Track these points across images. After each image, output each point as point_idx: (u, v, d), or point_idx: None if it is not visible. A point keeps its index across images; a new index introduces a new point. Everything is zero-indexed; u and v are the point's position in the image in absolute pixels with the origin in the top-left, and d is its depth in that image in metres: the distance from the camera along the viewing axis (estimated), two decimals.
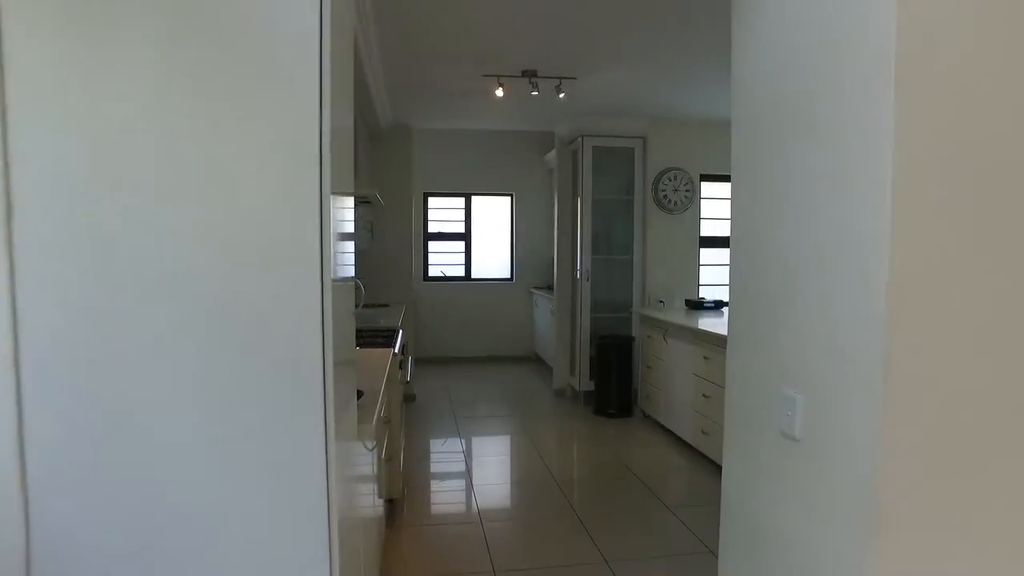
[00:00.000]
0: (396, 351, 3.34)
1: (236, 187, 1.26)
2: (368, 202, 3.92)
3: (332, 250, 1.34)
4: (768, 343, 1.56)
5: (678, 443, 4.69)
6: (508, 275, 8.22)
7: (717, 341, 4.02)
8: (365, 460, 2.04)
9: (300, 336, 1.29)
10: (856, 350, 1.25)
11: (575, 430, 5.24)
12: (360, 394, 2.03)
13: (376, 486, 2.76)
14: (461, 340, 8.02)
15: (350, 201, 1.68)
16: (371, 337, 3.78)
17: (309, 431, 1.30)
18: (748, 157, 1.70)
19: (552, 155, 6.99)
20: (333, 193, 1.36)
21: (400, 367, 3.40)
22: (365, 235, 5.41)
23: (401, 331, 4.17)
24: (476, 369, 7.54)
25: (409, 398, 6.00)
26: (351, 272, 1.67)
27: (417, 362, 7.85)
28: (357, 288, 1.79)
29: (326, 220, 1.30)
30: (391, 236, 6.01)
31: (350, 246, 1.66)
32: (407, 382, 3.36)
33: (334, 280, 1.37)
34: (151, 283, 1.24)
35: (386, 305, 5.76)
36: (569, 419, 5.51)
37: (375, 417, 1.96)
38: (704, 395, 4.19)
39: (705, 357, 4.19)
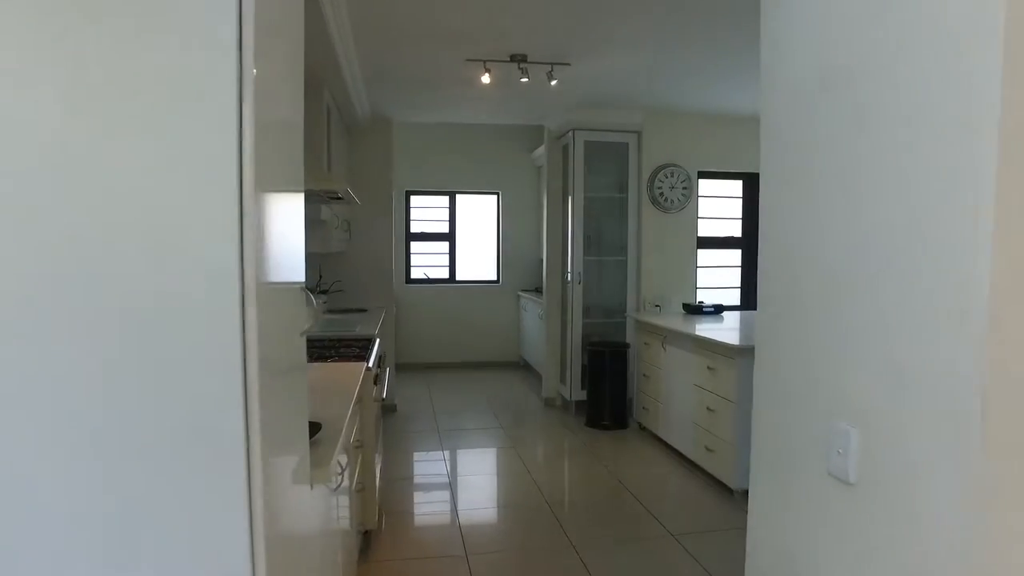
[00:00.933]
0: (371, 364, 2.97)
1: (136, 189, 0.93)
2: (339, 198, 3.55)
3: (259, 255, 0.98)
4: (808, 364, 1.29)
5: (679, 459, 4.36)
6: (494, 277, 7.87)
7: (723, 351, 3.69)
8: (322, 505, 1.68)
9: (211, 363, 0.94)
10: (936, 375, 0.96)
11: (567, 444, 4.89)
12: (316, 428, 1.67)
13: (348, 519, 2.40)
14: (445, 345, 7.66)
15: (294, 199, 1.32)
16: (345, 347, 3.41)
17: (221, 493, 0.95)
18: (781, 146, 1.42)
19: (541, 151, 6.65)
20: (266, 191, 1.03)
21: (375, 382, 3.03)
22: (341, 235, 5.03)
23: (378, 340, 3.81)
24: (461, 376, 7.18)
25: (389, 409, 5.63)
26: (295, 278, 1.31)
27: (400, 368, 7.47)
28: (310, 299, 1.43)
29: (251, 221, 0.95)
30: (370, 236, 5.64)
31: (294, 250, 1.30)
32: (383, 399, 3.01)
33: (266, 285, 1.02)
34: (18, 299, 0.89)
35: (364, 310, 5.38)
36: (560, 432, 5.16)
37: (333, 456, 1.59)
38: (708, 408, 3.86)
39: (709, 368, 3.86)
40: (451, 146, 7.52)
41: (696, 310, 5.13)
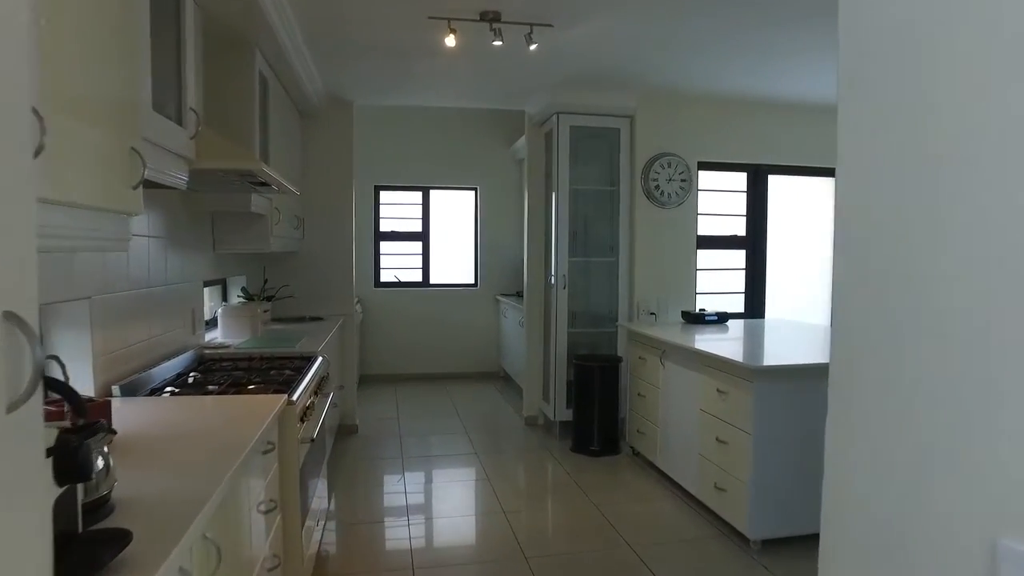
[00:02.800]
0: (296, 395, 2.30)
1: None
2: (263, 184, 2.88)
3: None
4: (938, 432, 0.77)
5: (681, 495, 3.73)
6: (472, 280, 7.21)
7: (738, 371, 3.06)
8: None
9: None
10: None
11: (550, 474, 4.24)
12: (126, 537, 1.00)
13: None
14: (418, 355, 6.99)
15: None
16: (275, 369, 2.74)
17: None
18: (879, 117, 0.78)
19: (522, 142, 6.01)
20: None
21: (304, 418, 2.37)
22: (290, 233, 4.36)
23: (322, 358, 3.14)
24: (434, 389, 6.51)
25: (348, 431, 4.96)
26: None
27: (366, 382, 6.79)
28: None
29: None
30: (328, 234, 4.96)
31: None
32: (311, 439, 2.34)
33: None
34: None
35: (319, 319, 4.71)
36: (542, 458, 4.51)
37: None
38: (719, 440, 3.23)
39: (720, 391, 3.22)
40: (425, 137, 6.86)
41: (697, 319, 4.50)
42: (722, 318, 4.53)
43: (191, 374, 2.63)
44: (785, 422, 2.96)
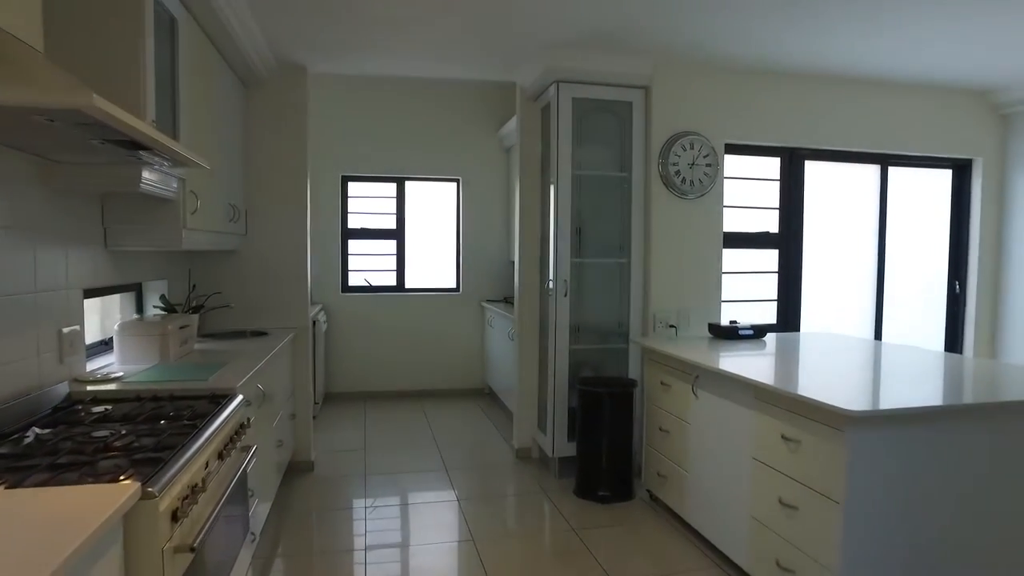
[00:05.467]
0: (160, 485, 1.43)
1: None
2: (146, 148, 2.00)
3: None
4: None
5: (721, 563, 2.89)
6: (453, 284, 6.34)
7: (822, 415, 2.22)
8: None
9: None
10: None
11: (550, 530, 3.38)
12: None
13: None
14: (390, 370, 6.11)
15: None
16: (168, 418, 1.87)
17: None
18: None
19: (512, 125, 5.17)
20: None
21: (175, 516, 1.49)
22: (228, 226, 3.47)
23: (241, 398, 2.26)
24: (409, 409, 5.63)
25: (303, 468, 4.08)
26: None
27: (332, 400, 5.89)
28: None
29: None
30: (277, 231, 4.06)
31: None
32: (191, 549, 1.47)
33: None
34: None
35: (263, 333, 3.82)
36: (539, 505, 3.65)
37: None
38: (784, 503, 2.39)
39: (787, 437, 2.39)
40: (399, 120, 5.98)
41: (729, 333, 3.68)
42: (758, 332, 3.71)
43: (29, 431, 1.74)
44: (892, 487, 2.14)
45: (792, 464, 2.37)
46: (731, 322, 3.80)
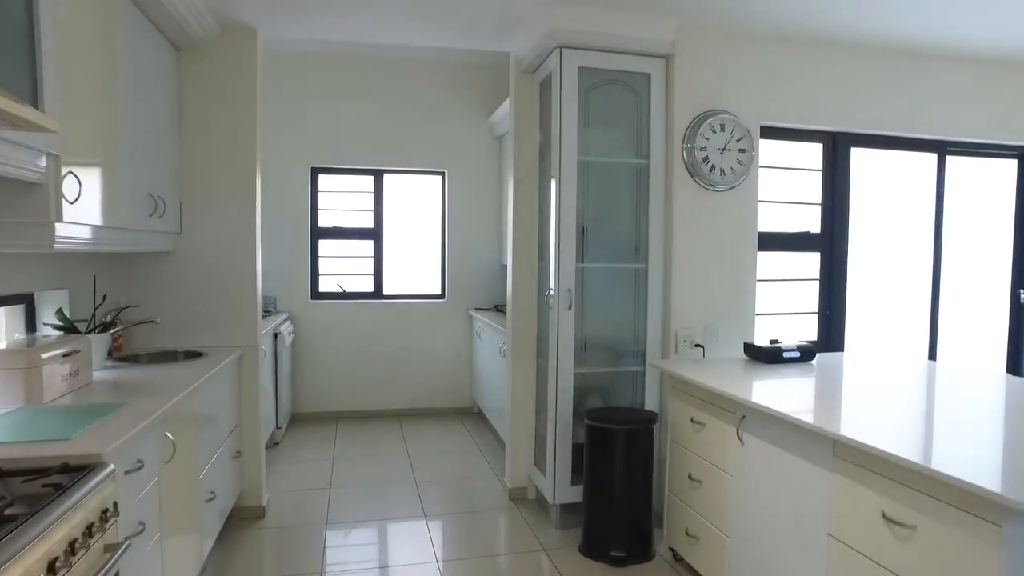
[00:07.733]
0: None
1: None
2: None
3: None
4: None
5: None
6: (437, 291, 5.64)
7: (950, 495, 1.53)
8: None
9: None
10: None
11: None
12: None
13: None
14: (366, 387, 5.41)
15: None
16: None
17: None
18: None
19: (504, 110, 4.49)
20: None
21: None
22: (149, 223, 2.76)
23: (110, 469, 1.56)
24: (386, 434, 4.93)
25: (252, 515, 3.37)
26: None
27: (299, 421, 5.17)
28: None
29: None
30: (220, 229, 3.35)
31: None
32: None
33: None
34: None
35: (200, 354, 3.11)
36: (536, 568, 2.95)
37: None
38: None
39: (890, 519, 1.70)
40: (377, 105, 5.28)
41: (772, 356, 2.99)
42: (805, 354, 3.03)
43: None
44: None
45: (899, 557, 1.69)
46: (772, 341, 3.12)
